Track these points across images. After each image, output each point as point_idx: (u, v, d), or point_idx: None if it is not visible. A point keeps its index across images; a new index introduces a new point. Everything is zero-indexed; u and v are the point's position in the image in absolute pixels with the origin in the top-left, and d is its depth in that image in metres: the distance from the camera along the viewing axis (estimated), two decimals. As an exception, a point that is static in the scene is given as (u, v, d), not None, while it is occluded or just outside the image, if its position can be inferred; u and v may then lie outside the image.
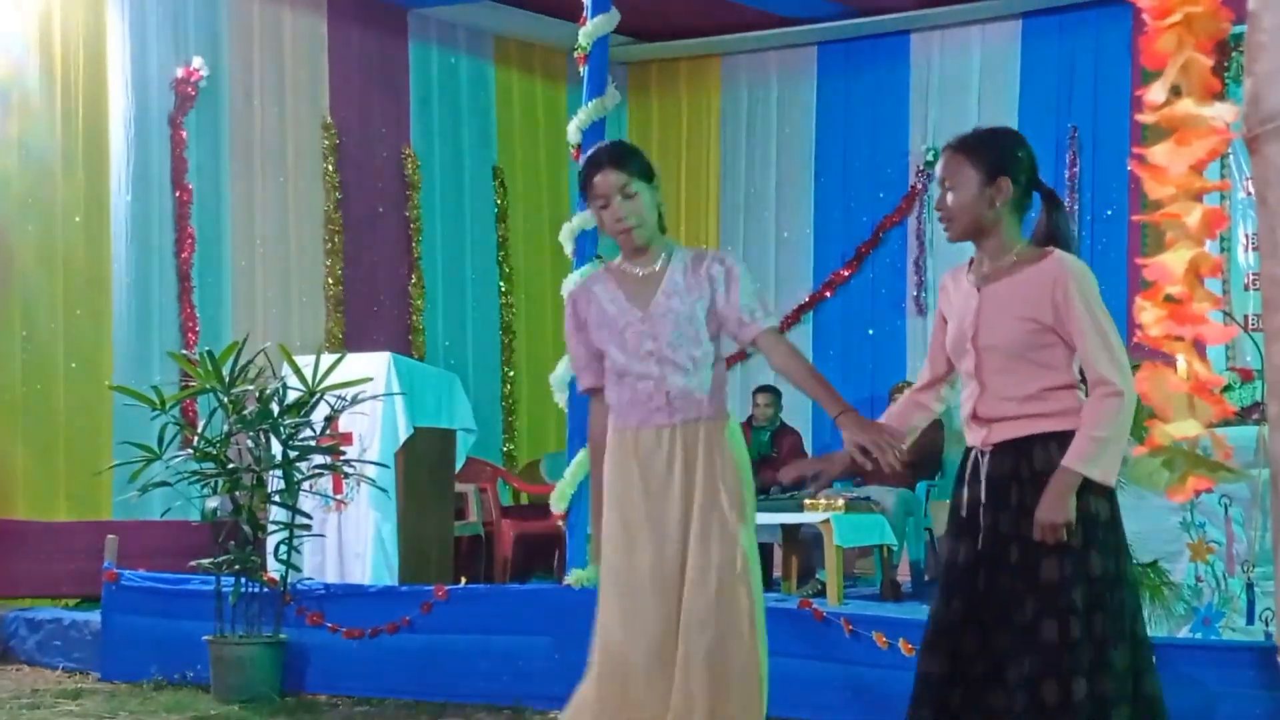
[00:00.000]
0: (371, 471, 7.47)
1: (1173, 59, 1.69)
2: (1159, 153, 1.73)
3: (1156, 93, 1.70)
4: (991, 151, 3.90)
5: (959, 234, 3.93)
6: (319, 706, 6.69)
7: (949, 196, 3.89)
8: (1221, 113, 1.74)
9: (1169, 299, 1.71)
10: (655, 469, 4.16)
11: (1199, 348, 1.82)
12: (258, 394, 7.04)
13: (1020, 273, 3.82)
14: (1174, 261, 1.70)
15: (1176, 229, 1.72)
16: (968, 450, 3.95)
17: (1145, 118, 1.76)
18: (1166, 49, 1.71)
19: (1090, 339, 3.71)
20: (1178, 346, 1.74)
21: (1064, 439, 3.73)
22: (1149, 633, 3.88)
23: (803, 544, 9.82)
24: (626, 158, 4.24)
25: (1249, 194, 8.93)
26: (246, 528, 6.94)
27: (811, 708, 5.75)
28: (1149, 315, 1.72)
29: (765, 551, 10.57)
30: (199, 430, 7.27)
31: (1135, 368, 3.77)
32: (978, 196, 3.85)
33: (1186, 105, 1.71)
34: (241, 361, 6.96)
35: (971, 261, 3.99)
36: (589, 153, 4.36)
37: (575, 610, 5.77)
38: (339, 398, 7.20)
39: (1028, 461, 3.77)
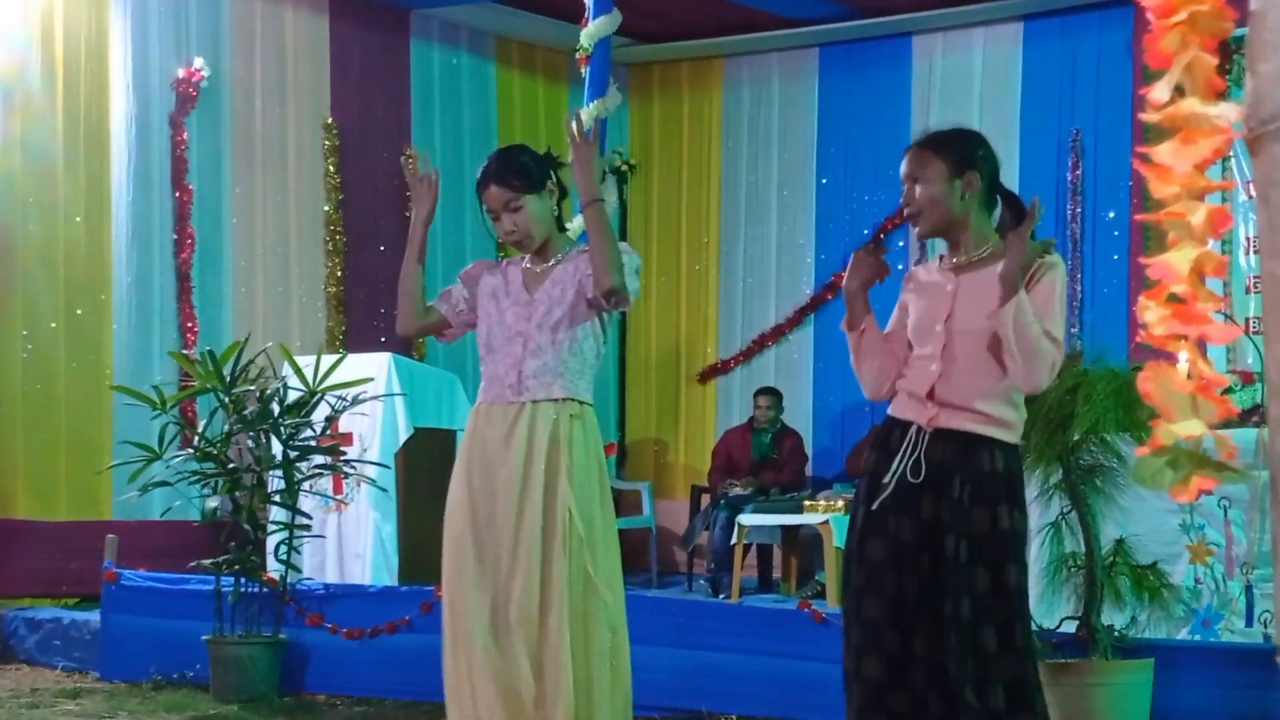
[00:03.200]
0: (371, 472, 7.47)
1: (1177, 57, 1.69)
2: (1163, 151, 1.73)
3: (1160, 91, 1.70)
4: (958, 147, 3.95)
5: (930, 228, 3.95)
6: (318, 706, 6.69)
7: (917, 190, 3.91)
8: (1225, 112, 1.74)
9: (1173, 298, 1.71)
10: (497, 440, 4.33)
11: (1202, 348, 1.82)
12: (258, 394, 7.04)
13: (997, 263, 3.83)
14: (1178, 260, 1.70)
15: (1180, 228, 1.72)
16: (894, 421, 3.95)
17: (1149, 116, 1.76)
18: (1170, 48, 1.72)
19: (1051, 306, 3.78)
20: (1181, 346, 1.74)
21: (1007, 449, 3.83)
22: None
23: (802, 545, 9.82)
24: (510, 174, 4.51)
25: (1250, 196, 8.93)
26: (246, 528, 6.94)
27: (811, 709, 5.74)
28: (1153, 314, 1.72)
29: (765, 553, 10.58)
30: (199, 430, 7.27)
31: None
32: (947, 190, 3.88)
33: (1191, 104, 1.71)
34: (242, 361, 6.96)
35: (941, 258, 4.02)
36: (484, 163, 4.59)
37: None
38: (339, 398, 7.20)
39: (975, 461, 3.80)
